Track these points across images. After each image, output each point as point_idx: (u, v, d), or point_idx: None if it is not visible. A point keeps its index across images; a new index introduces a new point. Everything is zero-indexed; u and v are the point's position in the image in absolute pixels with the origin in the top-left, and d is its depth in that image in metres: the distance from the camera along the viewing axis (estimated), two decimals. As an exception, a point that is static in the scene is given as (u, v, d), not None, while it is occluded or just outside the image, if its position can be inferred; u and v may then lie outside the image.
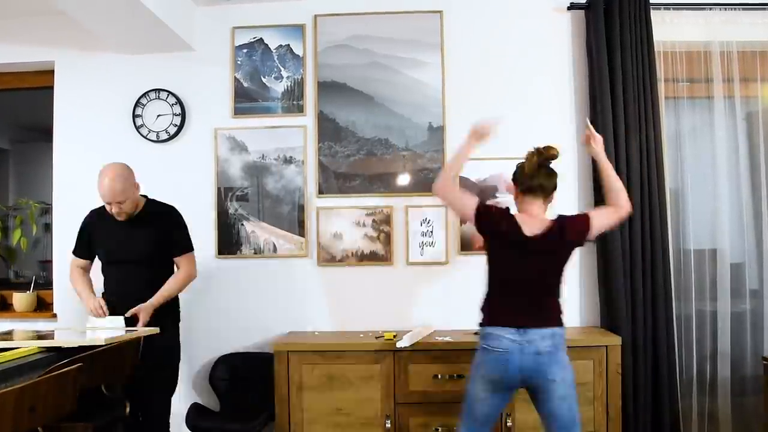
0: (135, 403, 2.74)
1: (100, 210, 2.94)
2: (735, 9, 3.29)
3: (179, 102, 3.51)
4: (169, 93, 3.51)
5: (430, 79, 3.43)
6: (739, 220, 3.37)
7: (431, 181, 3.39)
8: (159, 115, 3.51)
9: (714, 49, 3.34)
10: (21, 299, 3.56)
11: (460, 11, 3.46)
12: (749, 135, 3.47)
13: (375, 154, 3.45)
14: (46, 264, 3.85)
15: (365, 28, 3.46)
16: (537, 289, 2.35)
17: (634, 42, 3.26)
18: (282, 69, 3.51)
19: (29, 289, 3.59)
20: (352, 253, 3.43)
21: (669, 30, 3.32)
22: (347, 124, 3.46)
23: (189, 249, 2.98)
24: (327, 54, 3.48)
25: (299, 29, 3.50)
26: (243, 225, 3.47)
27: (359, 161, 3.45)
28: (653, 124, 3.24)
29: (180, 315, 3.06)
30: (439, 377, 2.93)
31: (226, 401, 3.33)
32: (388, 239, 3.42)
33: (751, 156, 3.45)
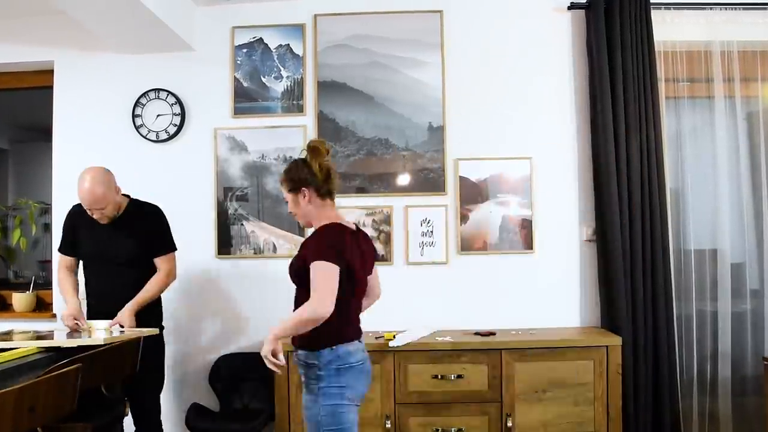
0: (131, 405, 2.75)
1: (81, 208, 2.84)
2: (735, 9, 3.29)
3: (179, 102, 3.50)
4: (169, 93, 3.51)
5: (430, 79, 3.43)
6: (740, 220, 3.36)
7: (431, 181, 3.41)
8: (159, 115, 3.51)
9: (714, 49, 3.34)
10: (20, 299, 3.56)
11: (460, 11, 3.46)
12: (750, 135, 3.47)
13: (375, 154, 3.45)
14: (45, 264, 3.84)
15: (365, 27, 3.46)
16: None
17: (634, 42, 3.26)
18: (282, 69, 3.51)
19: (29, 289, 3.59)
20: (352, 253, 3.42)
21: (669, 30, 3.31)
22: (347, 123, 3.46)
23: (171, 249, 2.91)
24: (327, 54, 3.47)
25: (299, 29, 3.50)
26: (243, 225, 3.47)
27: (359, 161, 3.45)
28: (654, 123, 3.24)
29: (162, 314, 3.01)
30: (439, 377, 2.92)
31: (225, 401, 3.32)
32: (388, 239, 3.42)
33: (752, 156, 3.44)
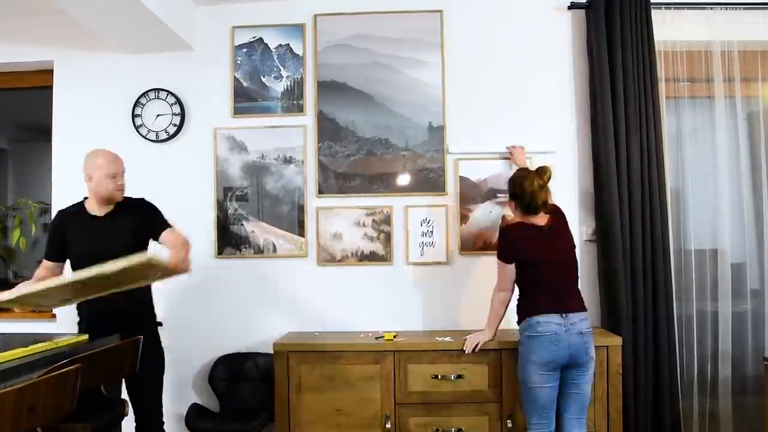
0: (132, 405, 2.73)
1: (69, 210, 2.81)
2: (736, 8, 3.29)
3: (179, 102, 3.50)
4: (169, 93, 3.51)
5: (430, 79, 3.43)
6: (740, 219, 3.36)
7: (431, 181, 3.41)
8: (158, 115, 3.51)
9: (715, 49, 3.34)
10: (20, 299, 3.55)
11: (460, 10, 3.46)
12: (750, 135, 3.47)
13: (375, 153, 3.44)
14: (45, 264, 3.83)
15: (365, 27, 3.46)
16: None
17: (634, 41, 3.25)
18: (282, 68, 3.50)
19: (28, 289, 3.58)
20: (351, 253, 3.42)
21: (670, 29, 3.31)
22: (347, 123, 3.46)
23: (170, 225, 2.74)
24: (327, 53, 3.47)
25: (299, 29, 3.50)
26: (243, 225, 3.46)
27: (359, 161, 3.45)
28: (654, 123, 3.24)
29: (153, 308, 2.94)
30: (439, 377, 2.92)
31: (225, 401, 3.32)
32: (387, 239, 3.41)
33: (752, 156, 3.44)
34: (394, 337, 3.04)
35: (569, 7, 3.39)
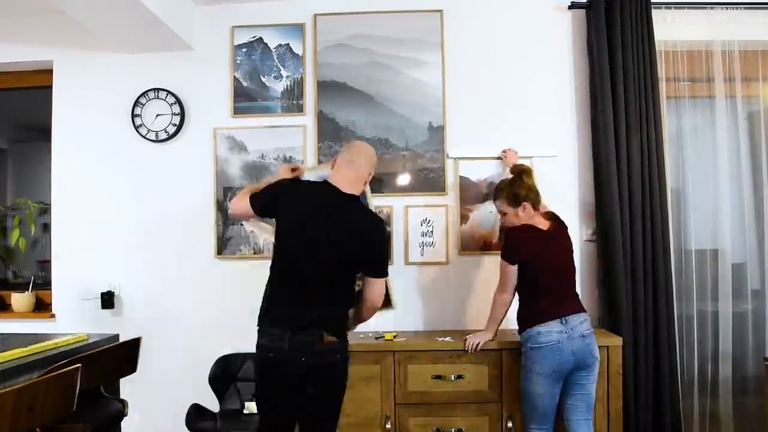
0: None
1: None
2: (736, 8, 3.29)
3: (178, 101, 3.50)
4: (169, 92, 3.50)
5: (430, 79, 3.43)
6: (741, 219, 3.36)
7: (431, 181, 3.40)
8: (158, 115, 3.50)
9: (715, 49, 3.34)
10: (19, 299, 3.55)
11: (460, 10, 3.45)
12: (751, 134, 3.46)
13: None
14: (44, 264, 3.83)
15: (365, 27, 3.45)
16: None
17: (635, 41, 3.25)
18: (281, 68, 3.50)
19: (28, 290, 3.58)
20: (352, 253, 3.41)
21: (670, 29, 3.31)
22: (347, 123, 3.45)
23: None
24: (327, 53, 3.47)
25: (299, 28, 3.49)
26: (242, 225, 3.46)
27: (359, 161, 3.44)
28: (654, 123, 3.23)
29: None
30: (440, 377, 2.92)
31: (225, 401, 3.31)
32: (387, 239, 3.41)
33: (753, 156, 3.44)
34: (394, 337, 3.03)
35: (569, 7, 3.39)
